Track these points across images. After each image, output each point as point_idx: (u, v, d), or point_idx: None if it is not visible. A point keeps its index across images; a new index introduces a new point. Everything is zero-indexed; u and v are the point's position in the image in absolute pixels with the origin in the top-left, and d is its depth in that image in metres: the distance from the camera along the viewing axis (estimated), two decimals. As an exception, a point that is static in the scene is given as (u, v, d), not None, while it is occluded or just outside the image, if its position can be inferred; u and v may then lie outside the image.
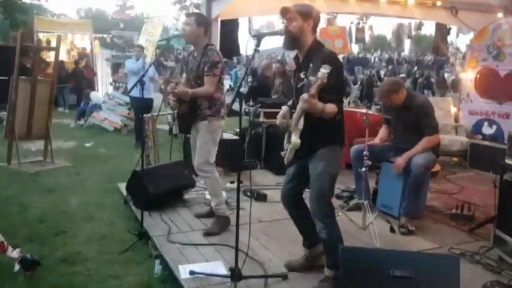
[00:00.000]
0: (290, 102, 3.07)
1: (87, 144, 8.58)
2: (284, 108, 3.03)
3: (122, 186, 5.18)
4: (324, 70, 2.48)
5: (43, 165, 6.71)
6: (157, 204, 4.43)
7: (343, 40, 9.33)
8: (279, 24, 2.97)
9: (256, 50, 2.78)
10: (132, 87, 4.12)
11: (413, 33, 11.98)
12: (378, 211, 3.92)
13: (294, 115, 2.77)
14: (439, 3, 6.81)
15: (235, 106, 2.95)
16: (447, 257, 2.85)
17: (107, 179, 5.96)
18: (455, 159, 6.80)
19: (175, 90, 3.87)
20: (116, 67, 14.01)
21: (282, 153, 2.93)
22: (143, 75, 3.95)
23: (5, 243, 3.18)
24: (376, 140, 4.31)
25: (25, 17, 19.26)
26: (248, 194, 4.72)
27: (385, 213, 4.22)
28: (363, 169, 3.74)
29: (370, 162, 3.82)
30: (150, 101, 7.96)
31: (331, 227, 2.82)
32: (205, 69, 3.81)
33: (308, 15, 2.78)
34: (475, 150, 6.45)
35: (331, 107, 2.67)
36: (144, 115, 5.96)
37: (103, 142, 8.82)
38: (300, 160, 2.93)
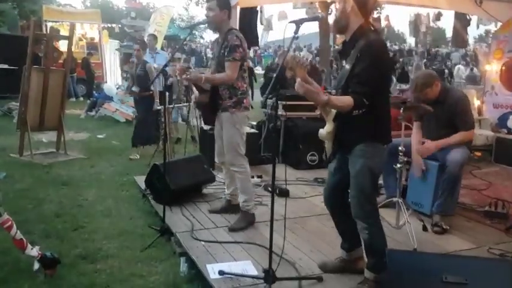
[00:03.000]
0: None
1: (99, 136, 8.45)
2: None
3: (139, 179, 5.04)
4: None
5: (56, 157, 6.58)
6: (177, 199, 4.27)
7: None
8: (291, 13, 2.83)
9: (294, 37, 2.60)
10: (154, 80, 3.94)
11: (431, 24, 11.62)
12: (411, 209, 3.74)
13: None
14: (463, -8, 6.57)
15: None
16: (500, 261, 2.68)
17: (122, 172, 5.82)
18: (478, 153, 6.58)
19: (188, 76, 3.64)
20: (126, 57, 13.84)
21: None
22: (166, 65, 3.79)
23: (24, 240, 3.04)
24: (414, 143, 4.05)
25: (34, 7, 19.15)
26: (270, 189, 4.52)
27: (415, 210, 4.04)
28: (398, 165, 3.54)
29: (406, 159, 3.61)
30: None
31: (373, 227, 2.63)
32: (226, 54, 3.56)
33: None
34: (501, 144, 6.24)
35: (341, 100, 2.47)
36: (161, 107, 5.77)
37: (115, 134, 8.68)
38: (339, 154, 2.75)
